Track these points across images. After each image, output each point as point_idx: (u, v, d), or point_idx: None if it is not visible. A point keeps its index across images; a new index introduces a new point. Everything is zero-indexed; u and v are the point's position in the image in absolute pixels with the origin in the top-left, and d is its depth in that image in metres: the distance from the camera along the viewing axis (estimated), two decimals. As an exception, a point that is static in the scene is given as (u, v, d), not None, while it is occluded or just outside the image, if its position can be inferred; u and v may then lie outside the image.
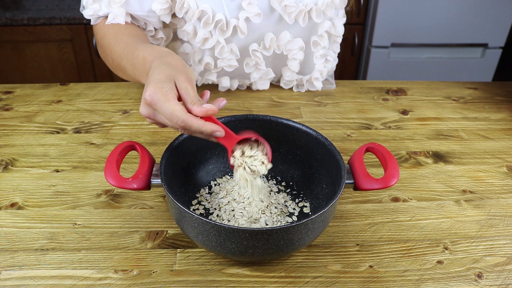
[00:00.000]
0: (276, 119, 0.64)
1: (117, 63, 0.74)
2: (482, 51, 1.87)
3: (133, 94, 0.94)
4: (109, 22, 0.77)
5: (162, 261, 0.56)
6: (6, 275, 0.54)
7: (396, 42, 1.81)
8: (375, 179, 0.56)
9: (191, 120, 0.51)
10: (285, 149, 0.67)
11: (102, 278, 0.53)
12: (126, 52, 0.71)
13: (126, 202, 0.65)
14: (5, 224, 0.61)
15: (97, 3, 0.78)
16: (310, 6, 0.82)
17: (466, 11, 1.75)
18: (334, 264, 0.56)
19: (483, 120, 0.89)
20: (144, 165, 0.56)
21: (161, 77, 0.54)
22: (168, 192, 0.51)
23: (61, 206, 0.64)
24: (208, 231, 0.49)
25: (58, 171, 0.71)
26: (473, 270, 0.56)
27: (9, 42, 1.75)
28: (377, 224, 0.63)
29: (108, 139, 0.79)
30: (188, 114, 0.51)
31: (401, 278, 0.55)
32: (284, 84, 0.98)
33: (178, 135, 0.61)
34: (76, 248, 0.57)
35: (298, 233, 0.50)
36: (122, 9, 0.77)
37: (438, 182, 0.71)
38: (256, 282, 0.54)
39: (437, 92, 1.00)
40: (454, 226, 0.63)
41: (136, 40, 0.73)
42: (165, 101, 0.51)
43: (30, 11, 1.75)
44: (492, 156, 0.78)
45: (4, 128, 0.81)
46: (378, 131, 0.84)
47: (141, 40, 0.74)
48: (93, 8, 0.78)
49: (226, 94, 0.95)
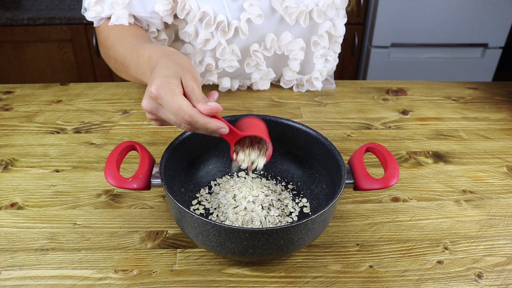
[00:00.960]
0: (276, 119, 0.64)
1: (120, 63, 0.74)
2: (482, 51, 1.87)
3: (133, 94, 0.94)
4: (112, 24, 0.77)
5: (162, 261, 0.56)
6: (6, 275, 0.54)
7: (396, 42, 1.81)
8: (375, 179, 0.56)
9: (198, 115, 0.50)
10: (285, 149, 0.67)
11: (102, 278, 0.53)
12: (130, 51, 0.70)
13: (126, 202, 0.65)
14: (5, 224, 0.61)
15: (99, 5, 0.77)
16: (311, 7, 0.82)
17: (466, 11, 1.75)
18: (334, 264, 0.56)
19: (483, 120, 0.89)
20: (144, 165, 0.56)
21: (168, 72, 0.54)
22: (168, 192, 0.51)
23: (61, 206, 0.64)
24: (208, 231, 0.49)
25: (58, 171, 0.71)
26: (473, 270, 0.56)
27: (9, 42, 1.75)
28: (377, 224, 0.63)
29: (108, 139, 0.79)
30: (195, 110, 0.51)
31: (401, 278, 0.55)
32: (284, 83, 0.98)
33: (178, 135, 0.61)
34: (76, 248, 0.57)
35: (298, 233, 0.50)
36: (125, 11, 0.77)
37: (438, 182, 0.71)
38: (256, 282, 0.54)
39: (437, 92, 1.00)
40: (454, 226, 0.63)
41: (141, 40, 0.73)
42: (172, 95, 0.50)
43: (30, 11, 1.75)
44: (492, 156, 0.78)
45: (4, 128, 0.81)
46: (378, 131, 0.84)
47: (146, 40, 0.74)
48: (95, 10, 0.77)
49: (226, 94, 0.95)
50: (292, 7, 0.81)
